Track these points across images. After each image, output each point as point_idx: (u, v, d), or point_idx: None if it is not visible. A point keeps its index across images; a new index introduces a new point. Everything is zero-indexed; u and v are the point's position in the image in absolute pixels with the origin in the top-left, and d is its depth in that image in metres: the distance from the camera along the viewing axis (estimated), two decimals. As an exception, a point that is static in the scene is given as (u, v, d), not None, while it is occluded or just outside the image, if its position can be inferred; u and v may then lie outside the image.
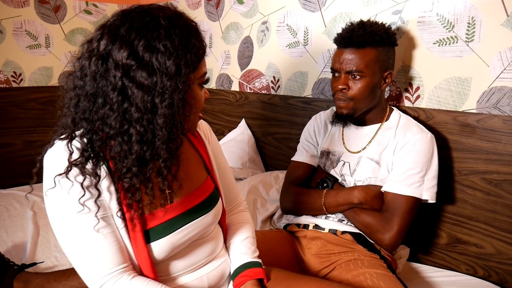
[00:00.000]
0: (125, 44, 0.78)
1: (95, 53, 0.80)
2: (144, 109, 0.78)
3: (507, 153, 1.36)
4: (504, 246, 1.40)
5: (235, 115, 2.34)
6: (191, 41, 0.82)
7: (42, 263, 1.49)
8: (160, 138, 0.81)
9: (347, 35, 1.34)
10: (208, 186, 1.03)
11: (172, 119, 0.81)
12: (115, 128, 0.79)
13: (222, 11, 2.31)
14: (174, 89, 0.80)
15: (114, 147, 0.81)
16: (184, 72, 0.81)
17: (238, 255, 1.07)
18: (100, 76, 0.79)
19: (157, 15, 0.81)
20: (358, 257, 1.34)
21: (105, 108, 0.79)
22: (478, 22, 1.38)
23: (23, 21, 2.46)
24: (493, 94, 1.38)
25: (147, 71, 0.78)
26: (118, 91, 0.78)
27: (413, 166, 1.33)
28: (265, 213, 1.75)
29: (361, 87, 1.34)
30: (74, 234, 0.82)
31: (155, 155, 0.83)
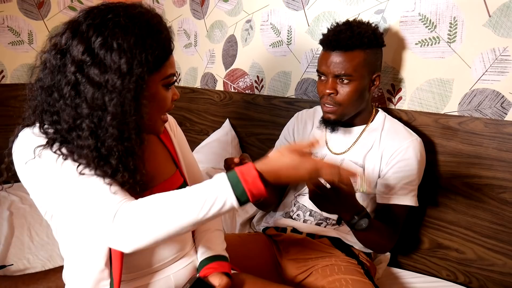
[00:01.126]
0: (82, 40, 0.78)
1: (56, 47, 0.81)
2: (94, 105, 0.78)
3: (488, 157, 1.33)
4: (485, 252, 1.37)
5: (220, 115, 2.31)
6: (147, 41, 0.81)
7: (11, 266, 1.46)
8: (110, 136, 0.80)
9: (334, 37, 1.28)
10: (177, 179, 1.03)
11: (122, 117, 0.79)
12: (69, 122, 0.80)
13: (207, 9, 2.27)
14: (123, 88, 0.79)
15: (72, 140, 0.81)
16: (136, 72, 0.79)
17: (205, 247, 1.06)
18: (57, 70, 0.80)
19: (118, 13, 0.80)
20: (335, 262, 1.31)
21: (60, 102, 0.80)
22: (460, 23, 1.35)
23: (5, 17, 2.41)
24: (475, 96, 1.35)
25: (100, 68, 0.78)
26: (71, 86, 0.79)
27: (407, 175, 1.31)
28: (244, 216, 1.71)
29: (350, 91, 1.29)
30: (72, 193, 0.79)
31: (109, 151, 0.81)
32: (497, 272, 1.36)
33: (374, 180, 1.36)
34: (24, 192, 2.12)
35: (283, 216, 1.50)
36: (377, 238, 1.28)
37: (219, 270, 1.00)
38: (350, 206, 1.14)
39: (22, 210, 1.94)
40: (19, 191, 2.15)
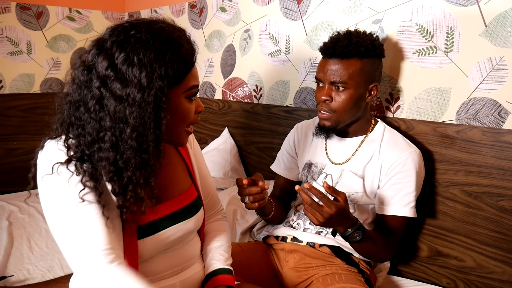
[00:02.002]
0: (107, 56, 0.82)
1: (84, 64, 0.85)
2: (116, 118, 0.82)
3: (486, 165, 1.35)
4: (484, 260, 1.38)
5: (219, 123, 2.32)
6: (167, 55, 0.84)
7: (11, 277, 1.45)
8: (129, 147, 0.82)
9: (332, 45, 1.31)
10: (191, 193, 1.06)
11: (142, 130, 0.82)
12: (92, 135, 0.83)
13: (205, 18, 2.29)
14: (143, 101, 0.82)
15: (94, 153, 0.84)
16: (156, 85, 0.83)
17: (211, 261, 1.09)
18: (84, 85, 0.84)
19: (141, 29, 0.84)
20: (336, 271, 1.31)
21: (85, 115, 0.84)
22: (456, 32, 1.36)
23: (4, 27, 2.42)
24: (472, 105, 1.36)
25: (121, 82, 0.81)
26: (96, 100, 0.82)
27: (406, 186, 1.32)
28: (244, 225, 1.71)
29: (345, 99, 1.30)
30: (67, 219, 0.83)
31: (126, 163, 0.84)
32: (496, 279, 1.36)
33: (374, 191, 1.37)
34: (24, 201, 2.13)
35: (284, 225, 1.50)
36: (374, 249, 1.29)
37: (222, 283, 1.03)
38: (343, 219, 1.16)
39: (21, 220, 1.94)
40: (17, 201, 2.15)
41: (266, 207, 1.37)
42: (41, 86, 2.60)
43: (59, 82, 2.66)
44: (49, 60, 2.62)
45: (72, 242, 0.83)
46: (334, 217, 1.12)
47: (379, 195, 1.36)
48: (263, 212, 1.40)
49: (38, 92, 2.59)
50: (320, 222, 1.13)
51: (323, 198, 1.12)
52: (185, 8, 2.41)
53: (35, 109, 2.57)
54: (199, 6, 2.33)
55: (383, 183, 1.35)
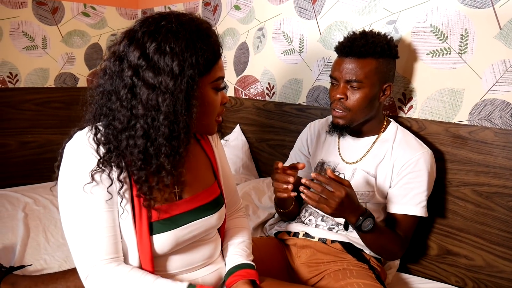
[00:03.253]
0: (138, 46, 0.85)
1: (115, 54, 0.88)
2: (148, 106, 0.84)
3: (498, 166, 1.36)
4: (494, 259, 1.40)
5: (230, 120, 2.34)
6: (197, 44, 0.87)
7: (30, 266, 1.49)
8: (161, 134, 0.86)
9: (348, 44, 1.33)
10: (214, 190, 1.08)
11: (174, 117, 0.86)
12: (123, 123, 0.85)
13: (219, 16, 2.32)
14: (176, 89, 0.85)
15: (123, 140, 0.86)
16: (188, 73, 0.86)
17: (232, 256, 1.10)
18: (116, 75, 0.87)
19: (171, 20, 0.87)
20: (347, 266, 1.34)
21: (117, 104, 0.86)
22: (471, 34, 1.38)
23: (20, 22, 2.46)
24: (485, 106, 1.38)
25: (154, 71, 0.84)
26: (128, 88, 0.85)
27: (418, 186, 1.34)
28: (256, 220, 1.74)
29: (359, 97, 1.32)
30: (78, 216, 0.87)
31: (157, 150, 0.87)
32: (506, 279, 1.38)
33: (385, 190, 1.39)
34: (37, 194, 2.17)
35: (295, 221, 1.53)
36: (385, 242, 1.30)
37: (246, 277, 1.04)
38: (352, 204, 1.19)
39: (37, 212, 1.97)
40: (32, 193, 2.19)
41: (287, 200, 1.40)
42: (55, 81, 2.64)
43: (73, 77, 2.70)
44: (64, 55, 2.65)
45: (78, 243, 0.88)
46: (345, 201, 1.15)
47: (390, 194, 1.38)
48: (284, 205, 1.43)
49: (52, 86, 2.63)
50: (333, 208, 1.16)
51: (332, 183, 1.16)
52: (199, 6, 2.44)
53: (49, 103, 2.61)
54: (213, 4, 2.35)
55: (395, 183, 1.37)
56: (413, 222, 1.37)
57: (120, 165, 0.87)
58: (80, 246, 0.87)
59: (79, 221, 0.87)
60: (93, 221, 0.87)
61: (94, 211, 0.87)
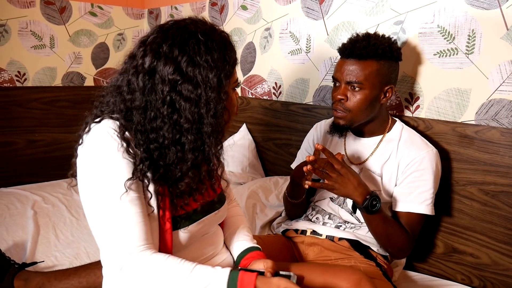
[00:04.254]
0: (169, 60, 0.85)
1: (140, 69, 0.87)
2: (192, 119, 0.86)
3: (504, 165, 1.38)
4: (500, 257, 1.42)
5: (237, 119, 2.36)
6: (227, 54, 0.90)
7: (42, 263, 1.51)
8: (209, 145, 0.89)
9: (350, 45, 1.35)
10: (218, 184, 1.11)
11: (217, 127, 0.89)
12: (168, 138, 0.87)
13: (226, 16, 2.33)
14: (218, 100, 0.88)
15: (169, 155, 0.88)
16: (224, 83, 0.89)
17: (240, 242, 1.15)
18: (148, 90, 0.87)
19: (195, 31, 0.88)
20: (355, 264, 1.36)
21: (157, 120, 0.87)
22: (478, 35, 1.40)
23: (28, 22, 2.48)
24: (492, 106, 1.40)
25: (192, 84, 0.86)
26: (168, 104, 0.85)
27: (423, 184, 1.35)
28: (264, 219, 1.76)
29: (360, 99, 1.34)
30: (107, 205, 0.85)
31: (207, 160, 0.91)
32: (511, 276, 1.40)
33: (391, 189, 1.41)
34: (46, 192, 2.20)
35: (303, 219, 1.55)
36: (391, 231, 1.32)
37: (259, 257, 1.08)
38: (356, 182, 1.25)
39: (46, 210, 2.00)
40: (41, 191, 2.21)
41: (300, 189, 1.44)
42: (62, 80, 2.66)
43: (80, 76, 2.72)
44: (71, 54, 2.68)
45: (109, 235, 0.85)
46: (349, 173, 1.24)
47: (395, 193, 1.40)
48: (296, 194, 1.47)
49: (60, 85, 2.65)
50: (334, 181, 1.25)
51: (331, 158, 1.25)
52: (206, 6, 2.46)
53: (56, 102, 2.63)
54: (220, 4, 2.37)
55: (400, 181, 1.38)
56: (419, 220, 1.38)
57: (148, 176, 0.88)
58: (112, 236, 0.84)
59: (108, 210, 0.85)
60: (124, 208, 0.85)
61: (124, 198, 0.85)
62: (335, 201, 1.48)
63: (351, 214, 1.44)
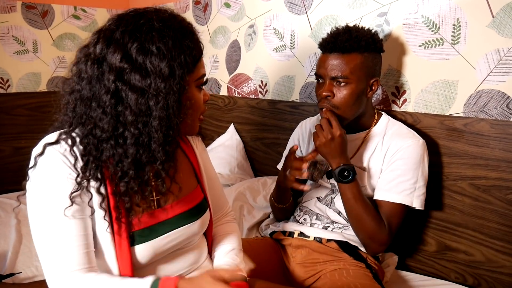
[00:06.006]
0: (118, 47, 0.79)
1: (91, 57, 0.81)
2: (138, 111, 0.79)
3: (495, 158, 1.33)
4: (494, 254, 1.37)
5: (224, 120, 2.31)
6: (185, 43, 0.83)
7: (20, 274, 1.46)
8: (156, 140, 0.81)
9: (332, 39, 1.29)
10: (198, 195, 1.03)
11: (167, 121, 0.81)
12: (107, 131, 0.79)
13: (210, 15, 2.28)
14: (168, 91, 0.80)
15: (106, 150, 0.81)
16: (178, 73, 0.81)
17: (222, 267, 1.04)
18: (95, 80, 0.80)
19: (151, 18, 0.82)
20: (344, 266, 1.31)
21: (98, 111, 0.79)
22: (463, 24, 1.35)
23: (10, 27, 2.43)
24: (480, 98, 1.34)
25: (141, 73, 0.78)
26: (111, 94, 0.79)
27: (404, 173, 1.30)
28: (251, 220, 1.71)
29: (346, 94, 1.28)
30: (49, 229, 0.80)
31: (152, 158, 0.82)
32: (506, 274, 1.35)
33: (376, 182, 1.35)
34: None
35: (290, 221, 1.50)
36: (364, 213, 1.26)
37: None
38: (340, 150, 1.26)
39: (30, 218, 1.94)
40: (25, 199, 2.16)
41: (286, 194, 1.41)
42: (47, 85, 2.61)
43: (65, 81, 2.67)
44: (55, 59, 2.62)
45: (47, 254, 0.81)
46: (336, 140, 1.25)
47: (379, 181, 1.34)
48: (284, 199, 1.43)
49: (45, 90, 2.60)
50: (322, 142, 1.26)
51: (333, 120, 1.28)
52: (190, 5, 2.41)
53: (41, 108, 2.58)
54: (203, 2, 2.32)
55: (383, 170, 1.34)
56: (397, 211, 1.30)
57: (99, 177, 0.82)
58: (50, 257, 0.81)
59: (49, 230, 0.80)
60: (63, 229, 0.80)
61: (64, 219, 0.80)
62: (322, 201, 1.44)
63: (338, 214, 1.39)
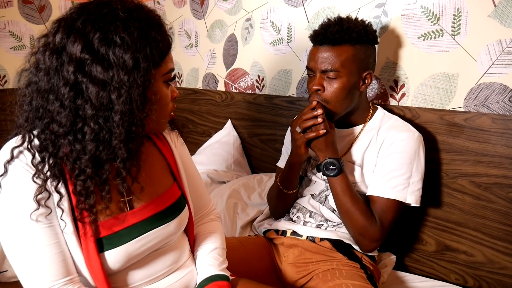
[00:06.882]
0: (80, 36, 0.73)
1: (50, 47, 0.75)
2: (99, 105, 0.74)
3: (496, 155, 1.27)
4: (495, 254, 1.31)
5: (222, 115, 2.27)
6: (151, 34, 0.78)
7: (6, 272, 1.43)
8: (117, 136, 0.75)
9: (322, 31, 1.24)
10: (174, 193, 0.97)
11: (130, 116, 0.75)
12: (65, 125, 0.74)
13: (207, 8, 2.24)
14: (132, 84, 0.75)
15: (63, 146, 0.76)
16: (143, 66, 0.76)
17: (204, 267, 1.00)
18: (53, 71, 0.74)
19: (116, 7, 0.77)
20: (337, 266, 1.26)
21: (55, 104, 0.74)
22: (464, 14, 1.28)
23: (6, 22, 2.41)
24: (481, 91, 1.28)
25: (103, 65, 0.73)
26: (70, 87, 0.73)
27: (397, 168, 1.24)
28: (245, 218, 1.66)
29: (337, 88, 1.23)
30: (18, 240, 0.76)
31: (112, 155, 0.77)
32: (508, 275, 1.29)
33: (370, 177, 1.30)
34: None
35: (284, 219, 1.46)
36: (350, 206, 1.21)
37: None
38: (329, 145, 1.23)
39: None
40: None
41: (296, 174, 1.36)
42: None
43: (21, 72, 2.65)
44: (53, 54, 2.60)
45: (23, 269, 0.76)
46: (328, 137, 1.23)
47: (373, 176, 1.29)
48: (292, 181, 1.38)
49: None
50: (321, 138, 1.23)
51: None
52: (187, -1, 2.36)
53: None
54: (200, -4, 2.27)
55: (377, 164, 1.28)
56: (389, 206, 1.23)
57: (57, 174, 0.76)
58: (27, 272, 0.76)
59: (19, 242, 0.76)
60: (33, 239, 0.76)
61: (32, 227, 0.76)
62: (316, 198, 1.38)
63: (332, 212, 1.34)
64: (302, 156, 1.29)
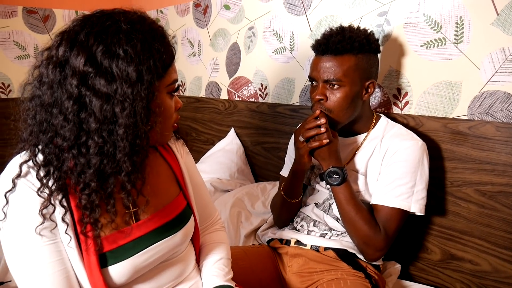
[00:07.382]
0: (83, 50, 0.73)
1: (53, 60, 0.74)
2: (103, 119, 0.73)
3: (501, 163, 1.26)
4: (501, 263, 1.30)
5: (225, 124, 2.27)
6: (154, 46, 0.77)
7: (10, 282, 1.43)
8: (122, 150, 0.74)
9: (324, 41, 1.24)
10: (180, 203, 0.97)
11: (134, 129, 0.75)
12: (69, 139, 0.73)
13: (210, 17, 2.25)
14: (136, 97, 0.74)
15: (67, 160, 0.75)
16: (146, 78, 0.75)
17: (209, 277, 1.00)
18: (57, 84, 0.74)
19: (118, 19, 0.76)
20: (341, 276, 1.25)
21: (59, 118, 0.73)
22: (466, 22, 1.28)
23: (11, 32, 2.43)
24: (485, 99, 1.28)
25: (106, 78, 0.73)
26: (74, 100, 0.72)
27: (401, 176, 1.23)
28: (249, 227, 1.66)
29: (340, 97, 1.23)
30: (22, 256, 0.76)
31: (117, 168, 0.76)
32: (514, 285, 1.28)
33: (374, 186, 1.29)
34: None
35: (288, 228, 1.45)
36: (353, 215, 1.21)
37: None
38: (332, 154, 1.24)
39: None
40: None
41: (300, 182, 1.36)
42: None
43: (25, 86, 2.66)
44: (57, 64, 2.61)
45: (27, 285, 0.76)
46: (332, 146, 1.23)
47: (376, 185, 1.28)
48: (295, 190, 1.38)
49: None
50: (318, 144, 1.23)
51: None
52: (190, 7, 2.37)
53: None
54: (203, 5, 2.28)
55: (381, 173, 1.27)
56: (393, 216, 1.23)
57: (62, 188, 0.76)
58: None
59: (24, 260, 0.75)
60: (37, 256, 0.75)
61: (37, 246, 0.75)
62: (320, 206, 1.38)
63: (336, 221, 1.33)
64: (305, 165, 1.29)
